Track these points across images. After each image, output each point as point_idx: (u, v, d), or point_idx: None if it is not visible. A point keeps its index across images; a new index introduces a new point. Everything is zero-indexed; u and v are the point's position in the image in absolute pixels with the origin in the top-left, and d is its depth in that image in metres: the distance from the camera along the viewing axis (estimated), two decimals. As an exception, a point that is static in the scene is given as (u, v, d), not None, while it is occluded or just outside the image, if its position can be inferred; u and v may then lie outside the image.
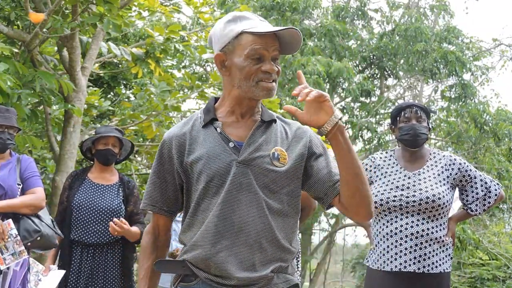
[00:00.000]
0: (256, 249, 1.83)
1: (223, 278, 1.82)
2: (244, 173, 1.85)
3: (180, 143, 1.94)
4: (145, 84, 7.55)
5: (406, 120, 3.27)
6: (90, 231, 3.78)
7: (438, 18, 14.89)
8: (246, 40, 1.87)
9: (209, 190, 1.86)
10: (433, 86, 14.92)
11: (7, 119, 3.62)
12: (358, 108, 14.01)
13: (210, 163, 1.86)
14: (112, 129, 4.03)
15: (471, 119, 12.77)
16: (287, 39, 1.90)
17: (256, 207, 1.84)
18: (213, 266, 1.83)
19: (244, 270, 1.81)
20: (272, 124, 1.95)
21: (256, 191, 1.84)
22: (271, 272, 1.84)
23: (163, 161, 1.96)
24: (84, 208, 3.81)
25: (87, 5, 4.80)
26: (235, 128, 1.93)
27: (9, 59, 4.59)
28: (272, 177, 1.86)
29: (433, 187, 3.15)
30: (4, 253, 3.38)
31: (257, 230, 1.83)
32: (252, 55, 1.86)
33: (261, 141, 1.89)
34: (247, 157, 1.86)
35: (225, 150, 1.87)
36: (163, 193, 1.97)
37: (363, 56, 13.66)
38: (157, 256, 2.00)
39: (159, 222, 2.02)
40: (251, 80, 1.87)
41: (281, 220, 1.87)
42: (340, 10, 13.87)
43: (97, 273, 3.77)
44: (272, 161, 1.87)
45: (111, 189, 3.92)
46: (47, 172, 6.50)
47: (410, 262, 3.12)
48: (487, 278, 12.07)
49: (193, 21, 9.83)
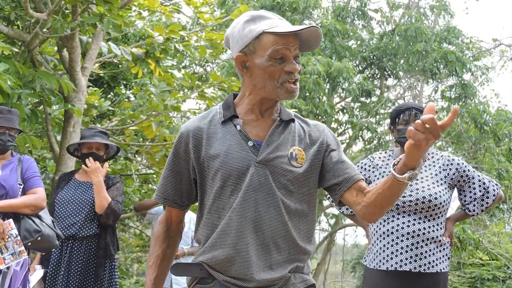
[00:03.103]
0: (274, 249, 1.82)
1: (243, 280, 1.81)
2: (263, 173, 1.83)
3: (197, 137, 1.91)
4: (145, 84, 7.55)
5: (405, 123, 3.28)
6: (69, 223, 3.92)
7: (438, 18, 14.89)
8: (267, 41, 1.84)
9: (225, 189, 1.84)
10: (433, 86, 14.91)
11: (9, 120, 3.63)
12: (358, 108, 14.01)
13: (228, 161, 1.84)
14: (96, 133, 4.14)
15: (471, 119, 12.77)
16: (306, 37, 1.87)
17: (273, 207, 1.82)
18: (234, 268, 1.81)
19: (263, 271, 1.80)
20: (291, 123, 1.93)
21: (273, 191, 1.83)
22: (288, 272, 1.83)
23: (179, 154, 1.94)
24: (65, 202, 3.99)
25: (87, 5, 4.80)
26: (254, 126, 1.91)
27: (9, 59, 4.59)
28: (290, 178, 1.85)
29: (430, 187, 3.16)
30: (4, 252, 3.39)
31: (274, 230, 1.82)
32: (274, 55, 1.84)
33: (279, 141, 1.88)
34: (266, 157, 1.84)
35: (244, 149, 1.85)
36: (176, 186, 1.96)
37: (363, 56, 13.66)
38: (169, 245, 2.01)
39: (172, 213, 2.02)
40: (276, 81, 1.85)
41: (298, 220, 1.86)
42: (340, 10, 13.87)
43: (75, 266, 3.89)
44: (290, 161, 1.86)
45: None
46: (47, 172, 6.51)
47: (406, 261, 3.12)
48: (487, 278, 12.07)
49: (193, 21, 9.84)
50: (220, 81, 6.28)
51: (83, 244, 3.93)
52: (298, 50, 1.87)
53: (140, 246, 11.07)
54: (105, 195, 3.93)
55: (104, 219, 3.94)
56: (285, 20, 1.91)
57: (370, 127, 12.98)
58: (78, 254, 3.91)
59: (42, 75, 4.65)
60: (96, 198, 3.93)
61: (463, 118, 13.20)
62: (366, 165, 3.37)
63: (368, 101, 13.78)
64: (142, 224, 10.20)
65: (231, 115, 1.91)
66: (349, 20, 14.02)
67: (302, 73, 10.91)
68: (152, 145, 6.34)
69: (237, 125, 1.89)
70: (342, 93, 13.57)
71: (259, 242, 1.81)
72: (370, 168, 3.34)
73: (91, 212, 3.96)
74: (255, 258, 1.80)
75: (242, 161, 1.84)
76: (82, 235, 3.93)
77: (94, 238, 3.96)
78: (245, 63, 1.89)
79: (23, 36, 4.98)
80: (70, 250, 3.91)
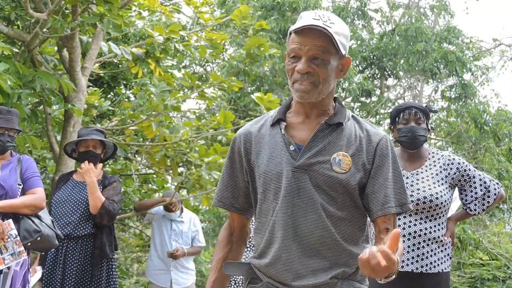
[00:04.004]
0: (316, 255, 1.79)
1: (282, 284, 1.81)
2: (301, 178, 1.79)
3: (247, 141, 1.91)
4: (145, 84, 7.54)
5: (405, 122, 3.27)
6: (64, 222, 3.92)
7: (438, 18, 14.88)
8: (290, 39, 1.82)
9: (268, 194, 1.84)
10: (433, 86, 14.90)
11: (8, 121, 3.62)
12: (358, 108, 13.99)
13: (270, 166, 1.83)
14: (92, 131, 4.15)
15: (471, 119, 12.75)
16: (335, 37, 1.76)
17: (314, 212, 1.78)
18: (274, 272, 1.81)
19: (303, 276, 1.78)
20: (341, 126, 1.84)
21: (313, 197, 1.78)
22: (332, 278, 1.78)
23: (234, 158, 1.95)
24: (61, 202, 4.00)
25: (87, 5, 4.79)
26: (300, 130, 1.86)
27: (9, 59, 4.58)
28: (330, 183, 1.79)
29: (430, 187, 3.15)
30: (4, 253, 3.38)
31: (315, 236, 1.78)
32: (289, 53, 1.81)
33: (323, 145, 1.81)
34: (305, 162, 1.80)
35: (285, 153, 1.82)
36: (233, 190, 1.96)
37: (363, 56, 13.65)
38: (231, 250, 2.01)
39: (233, 219, 2.02)
40: (291, 80, 1.82)
41: (343, 224, 1.81)
42: (340, 10, 13.86)
43: (70, 266, 3.89)
44: (332, 167, 1.79)
45: None
46: (47, 172, 6.50)
47: (408, 262, 3.12)
48: (487, 278, 12.05)
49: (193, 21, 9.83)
50: (220, 81, 6.27)
51: (79, 243, 3.92)
52: (318, 51, 1.76)
53: (140, 246, 11.05)
54: (98, 195, 3.92)
55: (99, 219, 3.93)
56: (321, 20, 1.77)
57: (370, 127, 12.95)
58: (73, 254, 3.90)
59: (42, 75, 4.64)
60: (89, 199, 3.93)
61: (463, 118, 13.19)
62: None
63: (368, 101, 13.77)
64: (142, 224, 10.18)
65: (278, 117, 1.88)
66: (349, 20, 14.01)
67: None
68: (152, 145, 6.33)
69: (282, 128, 1.86)
70: (342, 93, 13.57)
71: (300, 248, 1.79)
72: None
73: (86, 212, 3.95)
74: (296, 264, 1.78)
75: (281, 165, 1.81)
76: (77, 234, 3.92)
77: (90, 238, 3.95)
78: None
79: (23, 36, 4.97)
80: (65, 249, 3.91)
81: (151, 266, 5.83)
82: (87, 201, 3.97)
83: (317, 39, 1.76)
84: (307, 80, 1.78)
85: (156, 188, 8.96)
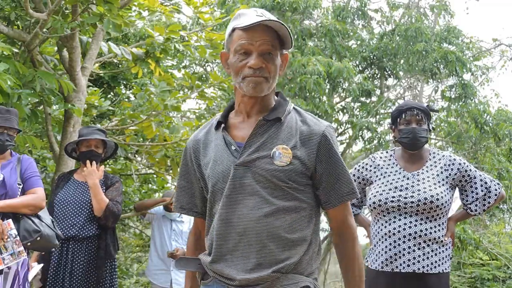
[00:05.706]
0: (260, 250, 1.80)
1: (227, 279, 1.83)
2: (244, 176, 1.83)
3: (196, 149, 1.96)
4: (145, 84, 7.54)
5: (407, 123, 3.26)
6: (69, 224, 3.91)
7: (438, 18, 14.87)
8: (236, 36, 1.84)
9: (216, 195, 1.87)
10: (433, 86, 14.88)
11: (7, 120, 3.62)
12: (358, 108, 13.98)
13: (215, 168, 1.87)
14: (94, 131, 4.14)
15: (472, 119, 12.74)
16: (282, 32, 1.83)
17: (258, 208, 1.81)
18: (219, 268, 1.84)
19: (245, 272, 1.80)
20: (281, 121, 1.88)
21: (258, 192, 1.82)
22: (274, 272, 1.79)
23: (188, 166, 1.99)
24: (65, 203, 3.97)
25: (87, 5, 4.79)
26: (241, 129, 1.91)
27: (9, 59, 4.58)
28: (273, 175, 1.81)
29: (431, 187, 3.15)
30: (3, 253, 3.38)
31: (260, 231, 1.80)
32: (238, 50, 1.83)
33: (263, 140, 1.85)
34: (246, 159, 1.84)
35: (227, 153, 1.86)
36: (190, 195, 2.00)
37: (363, 56, 13.64)
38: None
39: (198, 223, 2.05)
40: (239, 76, 1.84)
41: (288, 216, 1.83)
42: (340, 10, 13.85)
43: (77, 267, 3.87)
44: (273, 161, 1.82)
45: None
46: (47, 172, 6.50)
47: (409, 263, 3.11)
48: (487, 278, 12.05)
49: (193, 21, 9.83)
50: (220, 81, 6.27)
51: (84, 245, 3.91)
52: (267, 46, 1.81)
53: (140, 246, 11.05)
54: (102, 197, 3.92)
55: (103, 221, 3.92)
56: (265, 16, 1.83)
57: (370, 127, 12.96)
58: (79, 255, 3.89)
59: (42, 75, 4.64)
60: (93, 201, 3.92)
61: (463, 118, 13.18)
62: (368, 165, 3.36)
63: (368, 101, 13.75)
64: (142, 224, 10.19)
65: (219, 120, 1.93)
66: (349, 20, 13.99)
67: (302, 73, 10.90)
68: (152, 145, 6.33)
69: (222, 130, 1.91)
70: (342, 93, 13.56)
71: (244, 244, 1.81)
72: (372, 168, 3.33)
73: (91, 213, 3.95)
74: (239, 259, 1.81)
75: (225, 165, 1.85)
76: (83, 236, 3.92)
77: (95, 239, 3.95)
78: (227, 60, 1.90)
79: (23, 36, 4.97)
80: (71, 251, 3.89)
81: (151, 266, 5.83)
82: (91, 203, 3.96)
83: (267, 35, 1.81)
84: (259, 75, 1.81)
85: (156, 188, 8.96)
